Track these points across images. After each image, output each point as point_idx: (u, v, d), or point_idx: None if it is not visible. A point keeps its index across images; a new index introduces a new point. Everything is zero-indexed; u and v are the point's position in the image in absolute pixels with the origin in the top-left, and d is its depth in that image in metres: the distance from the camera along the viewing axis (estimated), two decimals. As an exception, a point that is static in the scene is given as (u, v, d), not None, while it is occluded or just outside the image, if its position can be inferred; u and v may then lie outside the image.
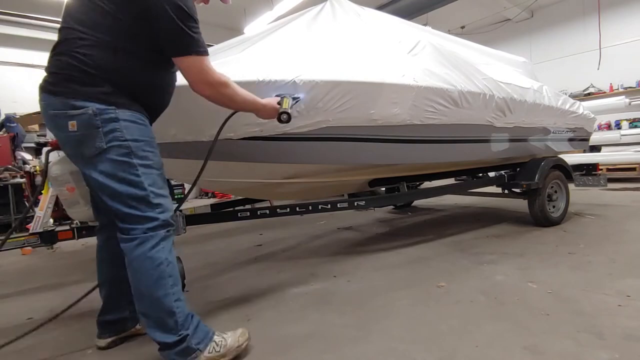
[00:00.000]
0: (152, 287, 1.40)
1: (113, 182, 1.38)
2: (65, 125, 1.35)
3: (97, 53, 1.34)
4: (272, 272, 2.69)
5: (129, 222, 1.41)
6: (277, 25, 2.90)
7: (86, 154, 1.38)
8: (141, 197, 1.40)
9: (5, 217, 5.33)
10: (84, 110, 1.33)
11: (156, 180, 1.45)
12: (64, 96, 1.35)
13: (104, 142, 1.35)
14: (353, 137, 2.42)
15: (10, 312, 2.26)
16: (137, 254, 1.40)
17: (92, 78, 1.35)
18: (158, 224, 1.42)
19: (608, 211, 4.20)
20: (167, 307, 1.41)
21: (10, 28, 7.73)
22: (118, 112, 1.37)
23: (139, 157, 1.40)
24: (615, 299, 1.88)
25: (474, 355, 1.47)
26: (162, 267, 1.41)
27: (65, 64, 1.35)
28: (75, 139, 1.37)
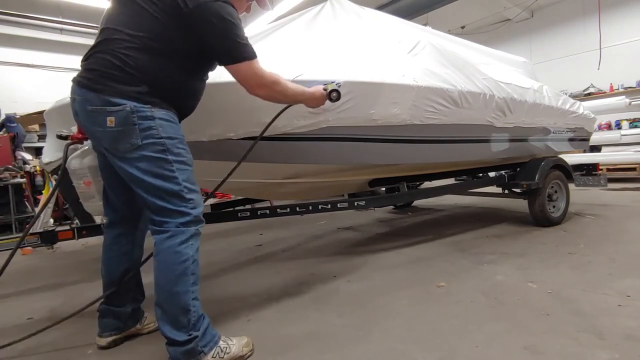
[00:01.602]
0: (173, 281, 1.43)
1: (148, 177, 1.42)
2: (104, 121, 1.39)
3: (138, 55, 1.40)
4: (272, 272, 2.69)
5: (162, 216, 1.46)
6: (277, 25, 2.90)
7: (121, 150, 1.42)
8: (175, 192, 1.45)
9: (5, 217, 5.33)
10: (121, 107, 1.38)
11: (189, 176, 1.51)
12: (103, 93, 1.39)
13: (140, 139, 1.40)
14: (353, 137, 2.42)
15: (10, 312, 2.26)
16: (166, 246, 1.44)
17: (131, 78, 1.39)
18: (190, 220, 1.47)
19: (608, 211, 4.20)
20: (184, 304, 1.43)
21: (10, 28, 7.74)
22: (153, 111, 1.42)
23: (174, 154, 1.45)
24: (615, 299, 1.88)
25: (474, 355, 1.47)
26: (187, 264, 1.44)
27: (106, 62, 1.40)
28: (112, 134, 1.40)
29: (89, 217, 2.59)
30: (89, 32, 8.42)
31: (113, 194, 1.68)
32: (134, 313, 1.79)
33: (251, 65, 1.50)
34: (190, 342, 1.42)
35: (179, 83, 1.52)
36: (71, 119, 2.29)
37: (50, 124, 2.51)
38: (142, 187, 1.45)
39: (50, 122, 2.49)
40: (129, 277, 1.72)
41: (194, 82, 1.59)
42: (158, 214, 1.46)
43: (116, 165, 1.49)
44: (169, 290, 1.43)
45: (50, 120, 2.47)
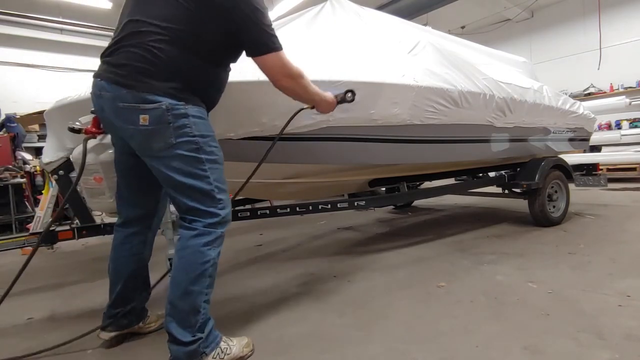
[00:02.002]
0: (191, 281, 1.43)
1: (180, 176, 1.41)
2: (137, 119, 1.35)
3: (169, 48, 1.36)
4: (272, 272, 2.69)
5: (192, 215, 1.46)
6: (277, 25, 2.89)
7: (155, 148, 1.40)
8: (206, 192, 1.45)
9: (5, 217, 5.33)
10: (157, 105, 1.34)
11: (220, 175, 1.50)
12: (137, 89, 1.35)
13: (174, 138, 1.37)
14: (353, 137, 2.42)
15: (10, 312, 2.26)
16: (190, 244, 1.44)
17: (164, 73, 1.36)
18: (218, 221, 1.47)
19: (608, 211, 4.20)
20: (196, 305, 1.43)
21: (10, 28, 7.74)
22: (187, 108, 1.40)
23: (206, 153, 1.44)
24: (615, 299, 1.88)
25: (474, 355, 1.47)
26: (207, 265, 1.45)
27: (138, 56, 1.35)
28: (145, 132, 1.38)
29: (89, 217, 2.59)
30: (89, 32, 8.43)
31: (130, 192, 1.67)
32: (139, 311, 1.79)
33: (279, 55, 1.49)
34: (194, 344, 1.41)
35: (207, 75, 1.50)
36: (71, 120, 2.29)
37: (50, 124, 2.50)
38: (173, 186, 1.45)
39: (50, 122, 2.49)
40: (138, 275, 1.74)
41: (221, 73, 1.58)
42: (188, 213, 1.46)
43: (148, 164, 1.47)
44: (185, 289, 1.43)
45: (50, 120, 2.47)
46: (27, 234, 2.48)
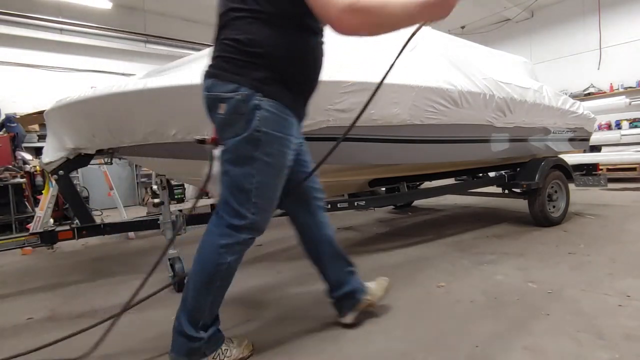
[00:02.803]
0: (202, 279, 1.42)
1: (228, 165, 1.40)
2: (216, 107, 1.37)
3: (252, 28, 1.33)
4: (272, 272, 2.69)
5: (223, 210, 1.42)
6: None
7: (224, 138, 1.40)
8: (244, 190, 1.38)
9: (5, 217, 5.33)
10: (233, 95, 1.33)
11: (269, 181, 1.42)
12: (219, 78, 1.37)
13: (241, 129, 1.34)
14: (353, 137, 2.42)
15: (10, 312, 2.26)
16: (211, 240, 1.43)
17: (245, 61, 1.33)
18: (243, 224, 1.40)
19: (608, 211, 4.20)
20: (201, 304, 1.42)
21: (10, 28, 7.73)
22: (262, 101, 1.34)
23: (263, 152, 1.36)
24: (615, 299, 1.88)
25: (474, 355, 1.47)
26: (220, 268, 1.42)
27: (224, 45, 1.37)
28: (220, 121, 1.39)
29: (89, 217, 2.59)
30: (89, 32, 8.42)
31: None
32: (356, 286, 1.75)
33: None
34: (196, 341, 1.41)
35: (294, 51, 1.39)
36: (71, 120, 2.29)
37: (50, 124, 2.51)
38: (222, 174, 1.44)
39: (50, 122, 2.49)
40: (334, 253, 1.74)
41: (310, 43, 1.46)
42: (221, 205, 1.44)
43: None
44: (195, 286, 1.42)
45: (50, 120, 2.47)
46: (27, 234, 2.48)
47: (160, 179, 2.55)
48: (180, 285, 2.35)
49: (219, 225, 1.42)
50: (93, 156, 2.45)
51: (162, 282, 2.54)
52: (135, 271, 2.94)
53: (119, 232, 3.05)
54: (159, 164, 2.52)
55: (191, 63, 2.78)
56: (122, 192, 7.41)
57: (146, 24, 9.10)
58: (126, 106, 2.07)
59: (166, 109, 2.07)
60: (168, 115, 2.09)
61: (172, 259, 2.41)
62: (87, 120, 2.20)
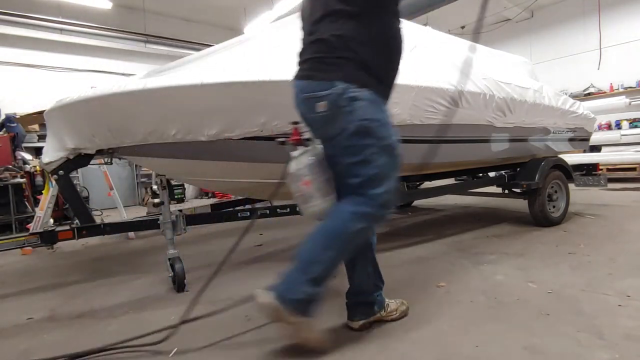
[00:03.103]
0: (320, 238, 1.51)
1: (346, 159, 1.47)
2: (315, 106, 1.44)
3: (339, 26, 1.42)
4: (272, 272, 2.67)
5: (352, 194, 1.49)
6: (278, 26, 2.90)
7: (330, 133, 1.47)
8: (370, 176, 1.46)
9: (5, 217, 5.33)
10: (332, 91, 1.41)
11: (387, 160, 1.49)
12: (315, 79, 1.45)
13: (346, 122, 1.42)
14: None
15: (10, 312, 2.26)
16: (338, 223, 1.49)
17: (339, 56, 1.42)
18: (377, 203, 1.47)
19: (608, 211, 4.20)
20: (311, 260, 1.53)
21: (10, 28, 7.72)
22: (360, 92, 1.42)
23: (376, 137, 1.45)
24: (615, 299, 1.88)
25: (474, 355, 1.47)
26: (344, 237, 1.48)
27: (315, 47, 1.46)
28: (322, 119, 1.46)
29: (89, 217, 2.59)
30: (89, 32, 8.42)
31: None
32: (377, 299, 1.76)
33: None
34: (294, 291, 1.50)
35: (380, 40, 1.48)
36: (71, 120, 2.29)
37: (50, 124, 2.51)
38: (340, 169, 1.51)
39: (50, 122, 2.49)
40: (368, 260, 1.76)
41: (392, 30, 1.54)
42: (347, 193, 1.50)
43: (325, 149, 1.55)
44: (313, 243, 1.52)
45: (50, 120, 2.48)
46: (27, 234, 2.48)
47: (160, 179, 2.55)
48: (180, 285, 2.35)
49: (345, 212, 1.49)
50: (93, 156, 2.46)
51: (162, 282, 2.55)
52: (135, 271, 2.94)
53: (119, 232, 3.05)
54: (159, 164, 2.52)
55: (191, 63, 2.78)
56: (122, 192, 7.41)
57: (146, 24, 9.10)
58: (126, 106, 2.07)
59: (166, 109, 2.07)
60: (168, 115, 2.09)
61: (172, 259, 2.41)
62: (87, 120, 2.20)
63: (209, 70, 2.44)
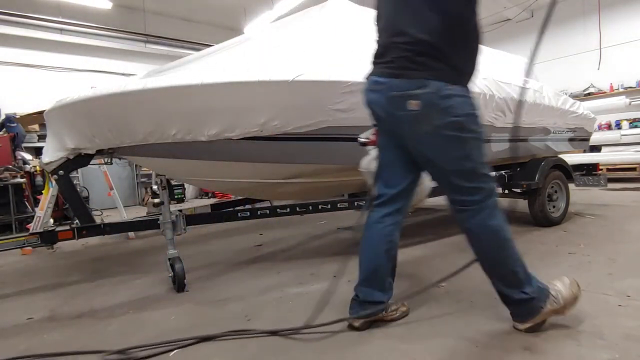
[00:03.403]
0: (492, 252, 1.55)
1: (443, 156, 1.51)
2: (405, 105, 1.46)
3: (429, 25, 1.44)
4: (272, 272, 2.69)
5: (460, 194, 1.54)
6: (278, 26, 2.90)
7: (422, 131, 1.49)
8: (469, 170, 1.51)
9: (5, 217, 5.33)
10: (425, 90, 1.43)
11: (481, 151, 1.55)
12: (406, 77, 1.46)
13: (440, 119, 1.45)
14: (353, 137, 2.42)
15: (10, 312, 2.26)
16: (473, 223, 1.54)
17: (430, 54, 1.44)
18: (485, 195, 1.53)
19: (608, 211, 4.20)
20: (509, 268, 1.54)
21: (10, 28, 7.72)
22: (452, 89, 1.45)
23: (469, 131, 1.49)
24: (615, 299, 1.88)
25: (474, 355, 1.47)
26: (500, 234, 1.54)
27: (404, 47, 1.47)
28: (413, 117, 1.47)
29: (89, 217, 2.60)
30: (89, 32, 8.42)
31: (391, 174, 1.71)
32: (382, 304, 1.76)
33: None
34: (528, 301, 1.52)
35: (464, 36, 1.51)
36: (71, 120, 2.29)
37: (50, 124, 2.51)
38: (438, 167, 1.55)
39: (50, 122, 2.49)
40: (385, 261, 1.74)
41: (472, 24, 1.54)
42: (456, 192, 1.55)
43: (411, 147, 1.57)
44: (492, 259, 1.56)
45: (50, 120, 2.48)
46: (27, 234, 2.48)
47: (160, 179, 2.55)
48: (180, 285, 2.35)
49: (466, 211, 1.54)
50: (93, 156, 2.46)
51: (162, 282, 2.55)
52: (135, 271, 2.94)
53: (119, 232, 3.05)
54: (159, 164, 2.52)
55: (191, 63, 2.79)
56: (122, 192, 7.41)
57: (146, 24, 9.10)
58: (126, 106, 2.08)
59: (166, 109, 2.07)
60: (168, 115, 2.09)
61: (172, 259, 2.41)
62: (87, 120, 2.20)
63: (209, 70, 2.45)
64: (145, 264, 3.14)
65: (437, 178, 1.62)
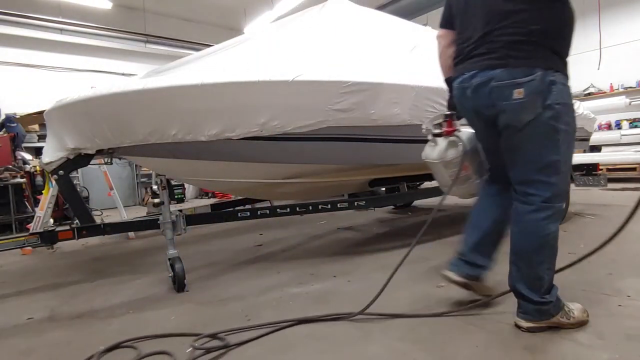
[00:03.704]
0: (531, 252, 1.55)
1: (532, 144, 1.51)
2: (510, 94, 1.46)
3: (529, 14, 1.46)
4: (272, 272, 2.69)
5: (529, 187, 1.54)
6: (278, 26, 2.90)
7: (522, 119, 1.48)
8: (552, 162, 1.51)
9: (5, 217, 5.33)
10: (532, 77, 1.44)
11: (570, 147, 1.56)
12: (510, 67, 1.47)
13: (542, 107, 1.45)
14: (353, 137, 2.43)
15: (10, 312, 2.26)
16: (529, 219, 1.54)
17: (533, 42, 1.46)
18: (556, 193, 1.53)
19: (608, 211, 4.20)
20: (538, 272, 1.54)
21: (10, 28, 7.72)
22: (555, 76, 1.46)
23: (563, 122, 1.49)
24: (615, 299, 1.88)
25: (474, 355, 1.47)
26: (547, 238, 1.55)
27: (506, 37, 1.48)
28: (517, 105, 1.47)
29: (89, 217, 2.60)
30: (89, 32, 8.42)
31: (494, 158, 1.75)
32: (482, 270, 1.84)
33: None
34: (544, 304, 1.54)
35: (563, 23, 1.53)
36: (71, 120, 2.29)
37: (50, 124, 2.51)
38: (519, 156, 1.54)
39: (50, 122, 2.49)
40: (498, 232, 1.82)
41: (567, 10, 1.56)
42: (526, 185, 1.55)
43: (504, 135, 1.58)
44: (526, 258, 1.55)
45: (50, 120, 2.48)
46: (27, 234, 2.48)
47: (160, 179, 2.55)
48: (180, 285, 2.35)
49: (531, 205, 1.53)
50: (93, 156, 2.46)
51: (162, 282, 2.55)
52: (135, 271, 2.94)
53: (119, 232, 3.06)
54: (159, 164, 2.52)
55: (191, 63, 2.79)
56: (122, 192, 7.41)
57: (146, 24, 9.10)
58: (126, 106, 2.08)
59: (166, 109, 2.07)
60: (168, 115, 2.09)
61: (172, 259, 2.41)
62: (87, 120, 2.20)
63: (209, 70, 2.45)
64: (145, 264, 3.14)
65: (515, 167, 1.60)
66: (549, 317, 1.56)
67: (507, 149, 1.60)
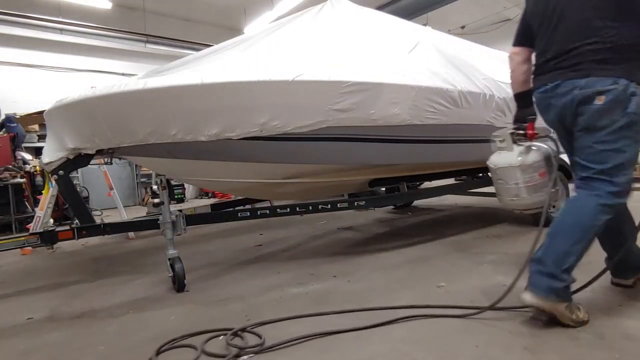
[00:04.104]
0: (569, 231, 1.63)
1: (602, 146, 1.60)
2: (591, 100, 1.58)
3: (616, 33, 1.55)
4: (272, 272, 2.69)
5: (597, 182, 1.63)
6: (278, 25, 2.90)
7: (599, 125, 1.59)
8: (618, 165, 1.60)
9: (5, 217, 5.33)
10: (616, 86, 1.55)
11: (634, 155, 1.64)
12: (595, 76, 1.57)
13: (620, 115, 1.56)
14: (353, 137, 2.43)
15: (10, 312, 2.26)
16: (587, 200, 1.63)
17: (618, 59, 1.56)
18: (618, 190, 1.61)
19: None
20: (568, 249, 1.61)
21: (10, 28, 7.72)
22: (638, 88, 1.57)
23: (635, 131, 1.59)
24: (615, 299, 1.88)
25: (474, 355, 1.47)
26: (596, 224, 1.61)
27: (590, 48, 1.58)
28: (596, 111, 1.58)
29: (89, 217, 2.60)
30: (89, 32, 8.41)
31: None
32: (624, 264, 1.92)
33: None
34: (558, 281, 1.58)
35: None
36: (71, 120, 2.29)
37: (50, 124, 2.51)
38: (589, 153, 1.64)
39: (50, 122, 2.49)
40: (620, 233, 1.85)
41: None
42: (592, 181, 1.63)
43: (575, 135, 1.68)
44: (562, 235, 1.64)
45: (50, 120, 2.48)
46: (27, 234, 2.48)
47: (160, 179, 2.55)
48: (180, 285, 2.35)
49: (595, 190, 1.62)
50: (93, 156, 2.46)
51: (162, 282, 2.55)
52: (135, 271, 2.94)
53: (119, 232, 3.06)
54: (159, 164, 2.52)
55: (191, 63, 2.78)
56: (122, 192, 7.41)
57: (146, 24, 9.09)
58: (126, 106, 2.08)
59: (166, 109, 2.07)
60: (168, 115, 2.09)
61: (172, 259, 2.41)
62: (87, 120, 2.20)
63: (209, 70, 2.45)
64: (145, 264, 3.14)
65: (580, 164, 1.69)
66: (554, 299, 1.58)
67: (578, 149, 1.70)
